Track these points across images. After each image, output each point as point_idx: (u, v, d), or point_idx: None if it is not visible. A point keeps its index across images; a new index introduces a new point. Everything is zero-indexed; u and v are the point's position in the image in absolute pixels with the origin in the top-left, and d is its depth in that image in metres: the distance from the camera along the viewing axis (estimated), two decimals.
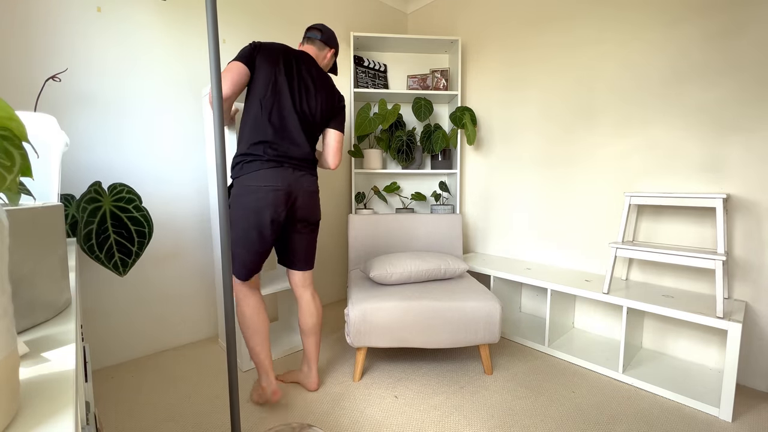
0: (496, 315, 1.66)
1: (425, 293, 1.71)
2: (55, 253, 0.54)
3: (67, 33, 1.66)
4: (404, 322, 1.62)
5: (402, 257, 1.87)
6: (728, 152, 1.69)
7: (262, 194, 1.33)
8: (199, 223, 2.12)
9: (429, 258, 1.88)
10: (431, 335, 1.64)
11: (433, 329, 1.63)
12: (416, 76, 2.75)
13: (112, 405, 1.53)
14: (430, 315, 1.63)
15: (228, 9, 2.18)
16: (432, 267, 1.84)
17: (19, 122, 0.38)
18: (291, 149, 1.40)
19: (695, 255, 1.51)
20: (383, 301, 1.64)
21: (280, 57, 1.40)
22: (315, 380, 1.61)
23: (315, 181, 1.50)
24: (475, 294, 1.72)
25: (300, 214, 1.45)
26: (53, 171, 0.90)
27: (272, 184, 1.34)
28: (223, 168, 0.96)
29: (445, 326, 1.64)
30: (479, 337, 1.67)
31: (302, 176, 1.44)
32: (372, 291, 1.74)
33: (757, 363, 1.65)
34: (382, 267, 1.79)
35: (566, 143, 2.26)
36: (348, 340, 1.65)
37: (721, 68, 1.68)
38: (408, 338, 1.63)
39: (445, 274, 1.87)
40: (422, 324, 1.63)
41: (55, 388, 0.34)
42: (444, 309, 1.63)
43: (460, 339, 1.65)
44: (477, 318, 1.65)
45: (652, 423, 1.41)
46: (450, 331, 1.64)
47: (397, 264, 1.81)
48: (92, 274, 1.79)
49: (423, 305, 1.63)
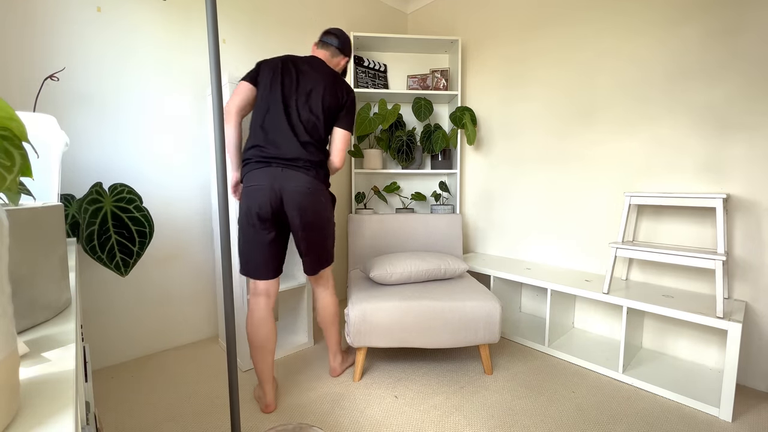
0: (496, 315, 1.66)
1: (425, 293, 1.71)
2: (55, 253, 0.54)
3: (67, 33, 1.66)
4: (404, 323, 1.62)
5: (402, 257, 1.87)
6: (729, 151, 1.69)
7: (252, 192, 1.41)
8: (200, 223, 2.12)
9: (429, 258, 1.87)
10: (432, 335, 1.63)
11: (433, 329, 1.63)
12: (416, 76, 2.75)
13: (112, 405, 1.53)
14: (431, 315, 1.62)
15: (228, 9, 2.18)
16: (432, 267, 1.83)
17: (19, 122, 0.38)
18: (281, 150, 1.42)
19: (695, 255, 1.51)
20: (383, 301, 1.63)
21: (278, 65, 1.49)
22: (333, 367, 1.73)
23: (311, 181, 1.45)
24: (475, 294, 1.71)
25: (290, 213, 1.43)
26: (53, 171, 0.90)
27: (257, 183, 1.41)
28: (223, 168, 0.96)
29: (445, 326, 1.63)
30: (479, 337, 1.67)
31: (293, 175, 1.42)
32: (372, 291, 1.74)
33: (757, 363, 1.65)
34: (382, 267, 1.79)
35: (566, 143, 2.26)
36: (348, 340, 1.65)
37: (725, 65, 1.68)
38: (408, 338, 1.63)
39: (445, 274, 1.87)
40: (422, 324, 1.62)
41: (55, 388, 0.34)
42: (444, 309, 1.63)
43: (461, 339, 1.65)
44: (477, 318, 1.65)
45: (652, 423, 1.41)
46: (450, 331, 1.64)
47: (397, 264, 1.81)
48: (92, 274, 1.80)
49: (423, 305, 1.63)
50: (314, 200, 1.47)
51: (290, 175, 1.42)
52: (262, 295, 1.50)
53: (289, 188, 1.42)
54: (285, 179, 1.42)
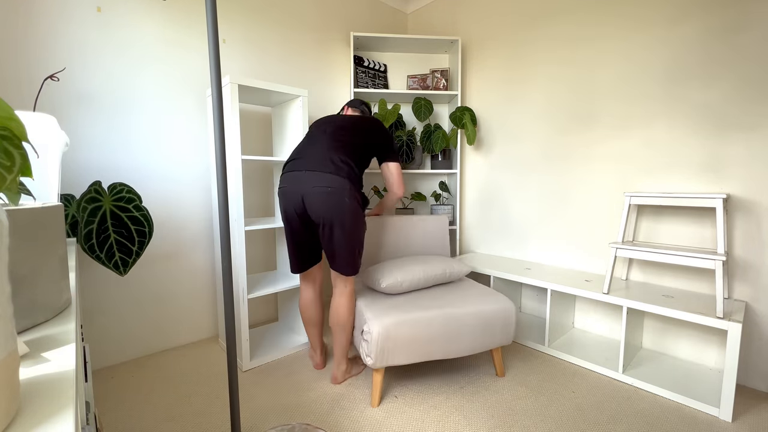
0: (511, 316, 1.65)
1: (442, 301, 1.63)
2: (55, 253, 0.54)
3: (67, 33, 1.66)
4: (430, 335, 1.52)
5: (406, 263, 1.78)
6: (729, 151, 1.69)
7: (281, 193, 1.60)
8: (200, 222, 2.12)
9: (433, 262, 1.82)
10: (454, 344, 1.56)
11: (456, 338, 1.56)
12: (416, 76, 2.75)
13: (112, 405, 1.53)
14: (453, 323, 1.55)
15: (228, 9, 2.18)
16: (438, 272, 1.78)
17: (19, 122, 0.38)
18: (309, 161, 1.54)
19: (695, 255, 1.51)
20: (404, 314, 1.51)
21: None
22: (335, 375, 1.69)
23: (333, 180, 1.48)
24: (488, 297, 1.68)
25: (311, 211, 1.52)
26: (53, 171, 0.90)
27: (285, 185, 1.57)
28: (223, 168, 0.96)
29: (466, 333, 1.57)
30: (496, 340, 1.64)
31: (314, 176, 1.50)
32: (385, 303, 1.63)
33: (757, 363, 1.65)
34: (392, 276, 1.68)
35: (566, 142, 2.26)
36: (368, 362, 1.48)
37: (725, 64, 1.68)
38: (432, 351, 1.54)
39: (449, 278, 1.83)
40: (447, 334, 1.54)
41: (55, 388, 0.34)
42: (466, 315, 1.57)
43: (478, 344, 1.61)
44: (495, 321, 1.62)
45: (652, 423, 1.41)
46: (471, 337, 1.58)
47: (405, 271, 1.71)
48: (92, 274, 1.80)
49: (446, 314, 1.54)
50: (331, 200, 1.51)
51: (312, 175, 1.53)
52: (308, 278, 1.76)
53: (311, 188, 1.52)
54: (307, 180, 1.53)
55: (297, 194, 1.52)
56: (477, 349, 1.61)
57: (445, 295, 1.72)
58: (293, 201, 1.53)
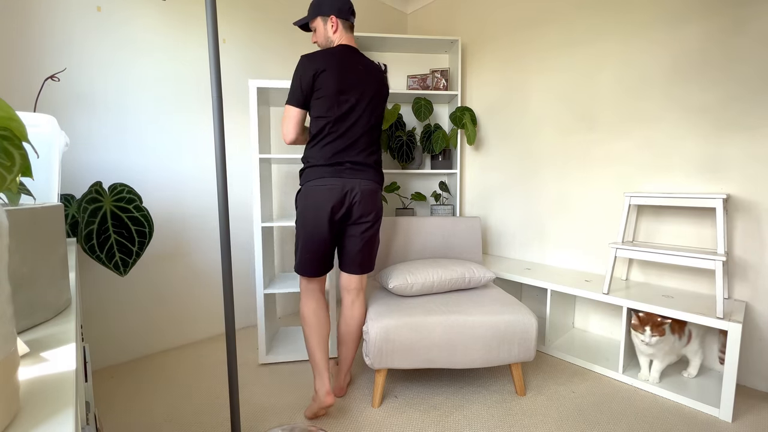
0: (532, 330, 1.50)
1: (452, 306, 1.56)
2: (55, 253, 0.54)
3: (67, 33, 1.66)
4: (432, 340, 1.45)
5: (421, 265, 1.70)
6: (728, 152, 1.69)
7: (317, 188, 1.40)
8: (200, 222, 2.12)
9: (451, 266, 1.71)
10: (461, 354, 1.48)
11: (463, 348, 1.47)
12: (416, 76, 2.75)
13: (112, 405, 1.53)
14: (461, 331, 1.47)
15: (228, 9, 2.18)
16: (456, 276, 1.67)
17: (19, 122, 0.38)
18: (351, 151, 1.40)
19: (695, 255, 1.51)
20: (407, 317, 1.47)
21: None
22: (341, 387, 1.58)
23: (375, 174, 1.45)
24: (507, 306, 1.56)
25: (357, 209, 1.42)
26: (53, 171, 0.90)
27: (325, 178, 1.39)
28: (223, 167, 0.96)
29: (476, 344, 1.47)
30: (513, 355, 1.50)
31: (362, 171, 1.42)
32: (391, 304, 1.58)
33: (757, 363, 1.65)
34: (402, 277, 1.62)
35: (566, 143, 2.26)
36: (367, 362, 1.48)
37: (724, 66, 1.68)
38: (435, 359, 1.47)
39: (469, 283, 1.72)
40: (452, 342, 1.47)
41: (55, 388, 0.34)
42: (475, 324, 1.47)
43: (493, 358, 1.49)
44: (512, 334, 1.49)
45: (652, 423, 1.41)
46: (482, 349, 1.48)
47: (417, 273, 1.64)
48: (92, 274, 1.80)
49: (452, 320, 1.47)
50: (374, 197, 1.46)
51: (358, 172, 1.44)
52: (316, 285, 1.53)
53: (361, 186, 1.44)
54: (353, 178, 1.44)
55: (341, 190, 1.37)
56: (492, 363, 1.50)
57: (459, 301, 1.62)
58: (332, 197, 1.36)
